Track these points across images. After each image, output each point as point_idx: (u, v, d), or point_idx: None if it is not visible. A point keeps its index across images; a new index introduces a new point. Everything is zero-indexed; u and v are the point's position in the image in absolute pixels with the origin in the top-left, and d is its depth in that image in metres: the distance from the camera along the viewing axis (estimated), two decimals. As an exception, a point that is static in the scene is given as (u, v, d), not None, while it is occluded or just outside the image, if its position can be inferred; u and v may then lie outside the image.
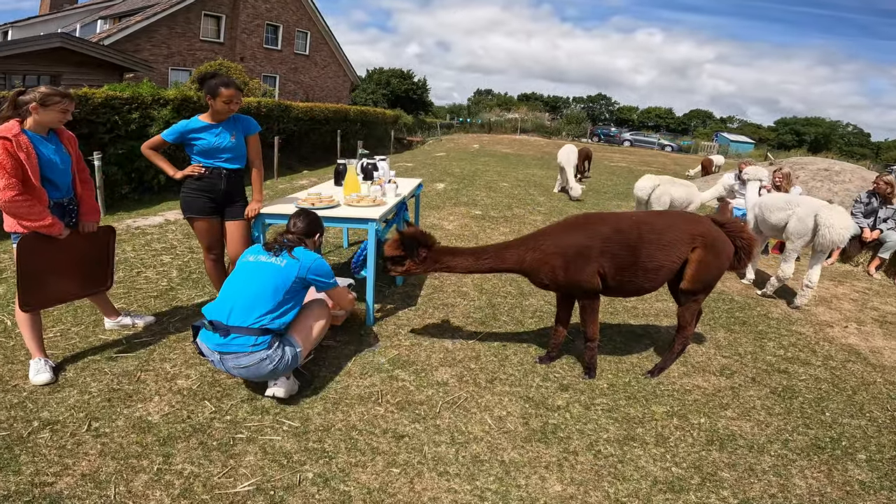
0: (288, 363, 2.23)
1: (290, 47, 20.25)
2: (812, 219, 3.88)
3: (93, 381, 2.37)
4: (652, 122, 58.90)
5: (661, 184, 5.44)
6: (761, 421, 2.43)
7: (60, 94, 2.32)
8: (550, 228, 2.62)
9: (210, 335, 2.19)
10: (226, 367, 2.21)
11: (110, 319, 2.88)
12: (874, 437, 2.41)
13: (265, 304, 2.20)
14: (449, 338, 3.02)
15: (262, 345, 2.16)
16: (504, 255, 2.53)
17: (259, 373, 2.19)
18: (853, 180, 7.56)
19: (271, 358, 2.18)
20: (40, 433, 1.99)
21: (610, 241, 2.44)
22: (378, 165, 3.65)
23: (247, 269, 2.31)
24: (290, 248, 2.32)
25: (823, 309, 4.19)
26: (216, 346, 2.17)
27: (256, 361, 2.16)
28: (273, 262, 2.28)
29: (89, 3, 22.19)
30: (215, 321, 2.19)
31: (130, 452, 1.93)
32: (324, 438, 2.08)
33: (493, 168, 11.99)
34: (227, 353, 2.16)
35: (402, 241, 2.46)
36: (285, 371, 2.26)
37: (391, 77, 38.69)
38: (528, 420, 2.28)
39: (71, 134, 2.50)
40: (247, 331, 2.15)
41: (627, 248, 2.44)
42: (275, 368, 2.20)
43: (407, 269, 2.51)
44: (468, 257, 2.53)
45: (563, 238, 2.46)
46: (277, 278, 2.24)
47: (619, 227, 2.48)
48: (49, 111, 2.29)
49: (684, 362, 2.92)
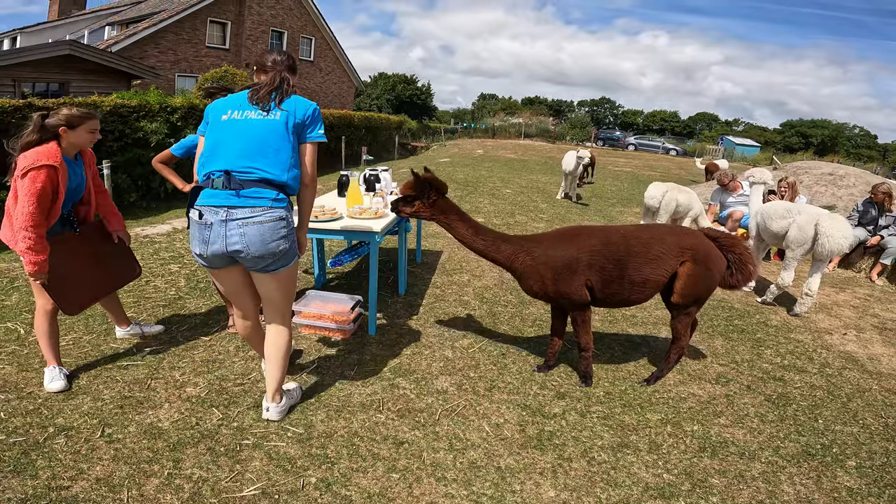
0: (296, 253, 2.11)
1: (295, 53, 20.41)
2: (812, 227, 3.92)
3: (105, 388, 2.45)
4: (657, 126, 58.79)
5: (669, 190, 5.44)
6: (754, 428, 2.48)
7: (86, 114, 2.29)
8: (544, 237, 2.67)
9: (215, 193, 1.93)
10: (227, 236, 1.91)
11: (121, 328, 2.93)
12: (865, 444, 2.45)
13: (273, 162, 1.95)
14: (449, 347, 3.09)
15: (283, 202, 1.98)
16: (500, 245, 2.57)
17: (267, 243, 1.94)
18: (857, 185, 7.55)
19: (288, 224, 2.01)
20: (56, 439, 2.07)
21: (598, 253, 2.49)
22: (380, 177, 3.72)
23: (236, 127, 1.97)
24: (281, 99, 2.01)
25: (823, 316, 4.22)
26: (224, 201, 1.91)
27: (274, 220, 1.94)
28: (267, 118, 1.97)
29: (97, 10, 22.42)
30: (232, 170, 1.91)
31: (142, 458, 2.00)
32: (326, 444, 2.15)
33: (497, 174, 12.07)
34: (237, 210, 1.90)
35: (417, 181, 2.51)
36: (292, 259, 2.09)
37: (395, 82, 38.94)
38: (524, 427, 2.34)
39: (91, 152, 2.52)
40: (266, 183, 1.93)
41: (615, 261, 2.48)
42: (288, 246, 2.02)
43: (416, 209, 2.55)
44: (469, 227, 2.56)
45: (553, 249, 2.52)
46: (275, 135, 1.96)
47: (608, 240, 2.53)
48: (78, 133, 2.27)
49: (680, 370, 2.98)
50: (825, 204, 7.24)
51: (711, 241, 2.65)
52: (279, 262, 2.04)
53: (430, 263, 4.72)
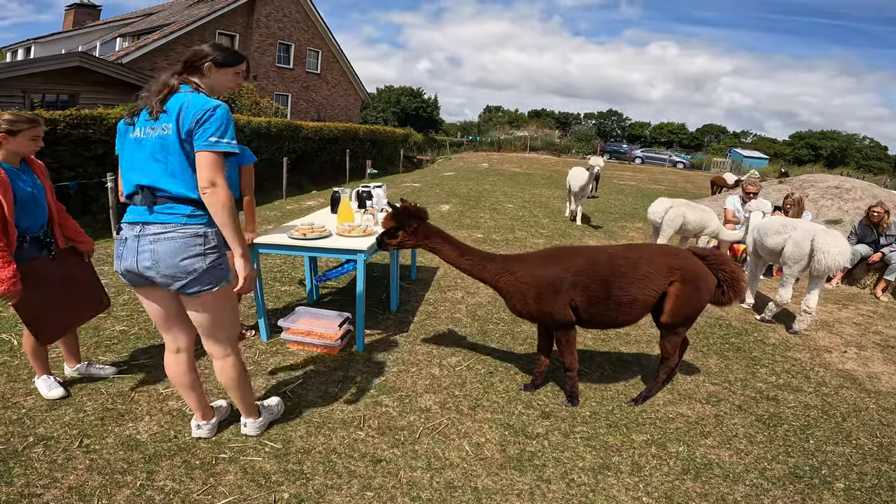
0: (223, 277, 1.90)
1: (302, 66, 20.68)
2: (808, 243, 3.87)
3: (89, 400, 2.48)
4: (664, 138, 58.72)
5: (674, 206, 5.34)
6: (741, 449, 2.43)
7: (28, 120, 2.20)
8: (530, 256, 2.66)
9: (133, 208, 1.84)
10: (139, 252, 1.79)
11: (70, 366, 2.67)
12: (857, 465, 2.39)
13: (175, 181, 1.77)
14: (437, 364, 3.07)
15: (202, 218, 1.81)
16: (485, 265, 2.56)
17: (178, 260, 1.79)
18: (864, 198, 7.44)
19: (207, 241, 1.82)
20: (34, 448, 2.10)
21: (582, 273, 2.46)
22: (373, 193, 3.71)
23: (139, 144, 1.80)
24: (162, 101, 1.76)
25: (824, 334, 4.15)
26: (139, 217, 1.80)
27: (187, 236, 1.78)
28: (158, 134, 1.76)
29: (111, 20, 22.90)
30: (145, 185, 1.77)
31: (116, 468, 2.02)
32: (303, 460, 2.14)
33: (500, 188, 12.08)
34: (151, 226, 1.78)
35: (395, 213, 2.53)
36: (217, 283, 1.87)
37: (401, 95, 39.36)
38: (505, 447, 2.31)
39: (41, 163, 2.39)
40: (178, 200, 1.78)
41: (600, 281, 2.46)
42: (206, 266, 1.82)
43: (401, 240, 2.56)
44: (454, 249, 2.56)
45: (537, 268, 2.50)
46: (164, 152, 1.75)
47: (594, 260, 2.51)
48: (19, 140, 2.17)
49: (671, 390, 2.93)
50: (831, 218, 7.14)
51: (701, 261, 2.62)
52: (197, 283, 1.84)
53: (424, 280, 4.71)
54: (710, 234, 5.41)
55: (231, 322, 2.04)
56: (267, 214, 7.59)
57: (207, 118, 1.73)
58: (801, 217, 5.28)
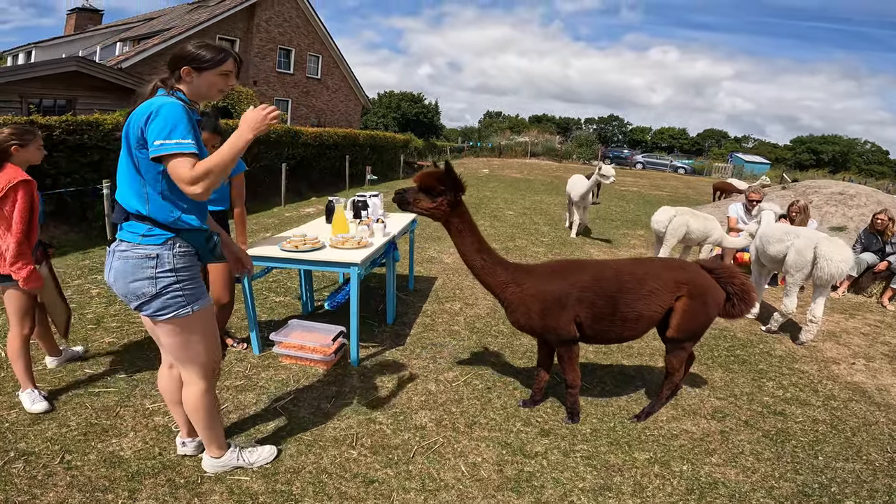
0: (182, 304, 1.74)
1: (303, 71, 20.66)
2: (811, 251, 3.79)
3: (73, 414, 2.41)
4: (665, 143, 58.76)
5: (678, 214, 5.24)
6: (748, 467, 2.34)
7: (31, 131, 2.31)
8: (537, 268, 2.55)
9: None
10: (108, 267, 1.74)
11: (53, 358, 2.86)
12: (867, 481, 2.30)
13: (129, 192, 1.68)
14: (433, 379, 2.98)
15: (157, 238, 1.68)
16: (497, 269, 2.38)
17: (129, 281, 1.68)
18: (868, 204, 7.36)
19: (159, 264, 1.67)
20: (15, 463, 2.05)
21: (588, 289, 2.37)
22: (368, 203, 3.59)
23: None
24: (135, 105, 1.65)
25: (831, 344, 4.06)
26: (117, 232, 1.75)
27: (138, 258, 1.67)
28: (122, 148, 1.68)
29: (112, 25, 22.85)
30: (117, 199, 1.72)
31: (98, 486, 1.96)
32: (292, 480, 2.06)
33: (501, 195, 12.02)
34: (119, 242, 1.72)
35: (448, 174, 2.23)
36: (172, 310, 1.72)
37: (402, 100, 39.35)
38: (502, 467, 2.22)
39: None
40: (137, 217, 1.68)
41: (606, 297, 2.37)
42: (156, 291, 1.68)
43: (437, 206, 2.26)
44: (475, 241, 2.35)
45: (543, 282, 2.40)
46: (122, 162, 1.68)
47: (600, 276, 2.42)
48: (30, 150, 2.29)
49: (674, 405, 2.84)
50: (835, 225, 7.06)
51: (708, 274, 2.54)
52: (149, 307, 1.71)
53: (422, 291, 4.61)
54: (713, 242, 5.31)
55: (200, 351, 1.84)
56: (265, 221, 7.53)
57: (150, 121, 1.56)
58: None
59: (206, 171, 1.57)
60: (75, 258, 5.15)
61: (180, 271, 1.72)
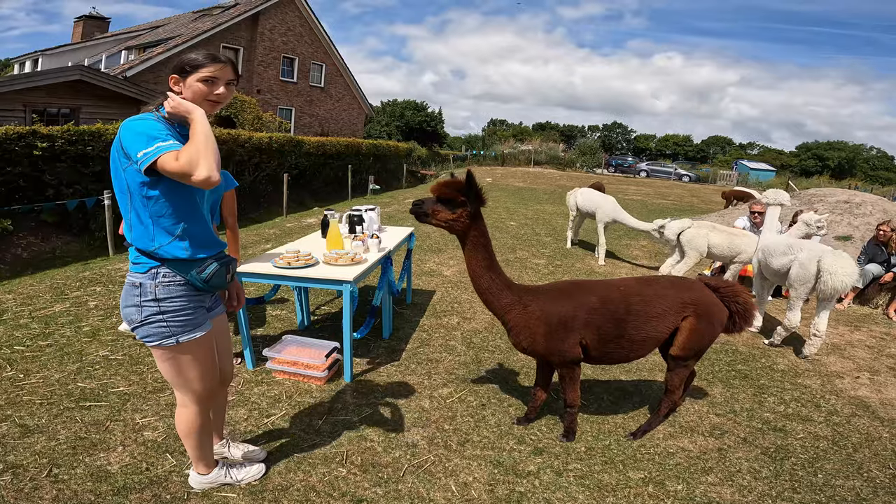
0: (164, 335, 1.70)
1: (306, 80, 20.74)
2: (815, 265, 3.74)
3: (62, 428, 2.41)
4: (670, 151, 58.62)
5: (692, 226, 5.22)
6: (744, 486, 2.29)
7: None
8: (542, 289, 2.46)
9: None
10: None
11: None
12: (867, 499, 2.25)
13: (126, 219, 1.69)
14: (427, 396, 2.94)
15: (142, 266, 1.67)
16: (502, 292, 2.29)
17: (122, 306, 1.71)
18: (874, 213, 7.27)
19: (143, 293, 1.66)
20: (3, 476, 2.06)
21: (596, 312, 2.33)
22: (364, 217, 3.54)
23: None
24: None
25: (835, 358, 3.99)
26: None
27: (128, 285, 1.69)
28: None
29: (118, 33, 23.03)
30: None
31: (83, 500, 1.95)
32: (279, 498, 2.03)
33: (503, 204, 11.99)
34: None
35: (470, 184, 2.12)
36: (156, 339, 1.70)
37: (405, 108, 39.47)
38: (493, 487, 2.18)
39: None
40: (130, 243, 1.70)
41: (614, 320, 2.33)
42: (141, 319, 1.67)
43: (456, 217, 2.16)
44: (487, 258, 2.25)
45: (549, 304, 2.34)
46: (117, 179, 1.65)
47: (607, 298, 2.36)
48: None
49: (672, 422, 2.79)
50: (841, 234, 6.98)
51: (713, 293, 2.51)
52: (137, 331, 1.71)
53: (419, 304, 4.57)
54: (745, 260, 5.11)
55: (192, 379, 1.80)
56: (266, 233, 7.53)
57: (123, 141, 1.55)
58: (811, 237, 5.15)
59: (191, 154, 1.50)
60: (76, 269, 5.15)
61: (163, 302, 1.67)
